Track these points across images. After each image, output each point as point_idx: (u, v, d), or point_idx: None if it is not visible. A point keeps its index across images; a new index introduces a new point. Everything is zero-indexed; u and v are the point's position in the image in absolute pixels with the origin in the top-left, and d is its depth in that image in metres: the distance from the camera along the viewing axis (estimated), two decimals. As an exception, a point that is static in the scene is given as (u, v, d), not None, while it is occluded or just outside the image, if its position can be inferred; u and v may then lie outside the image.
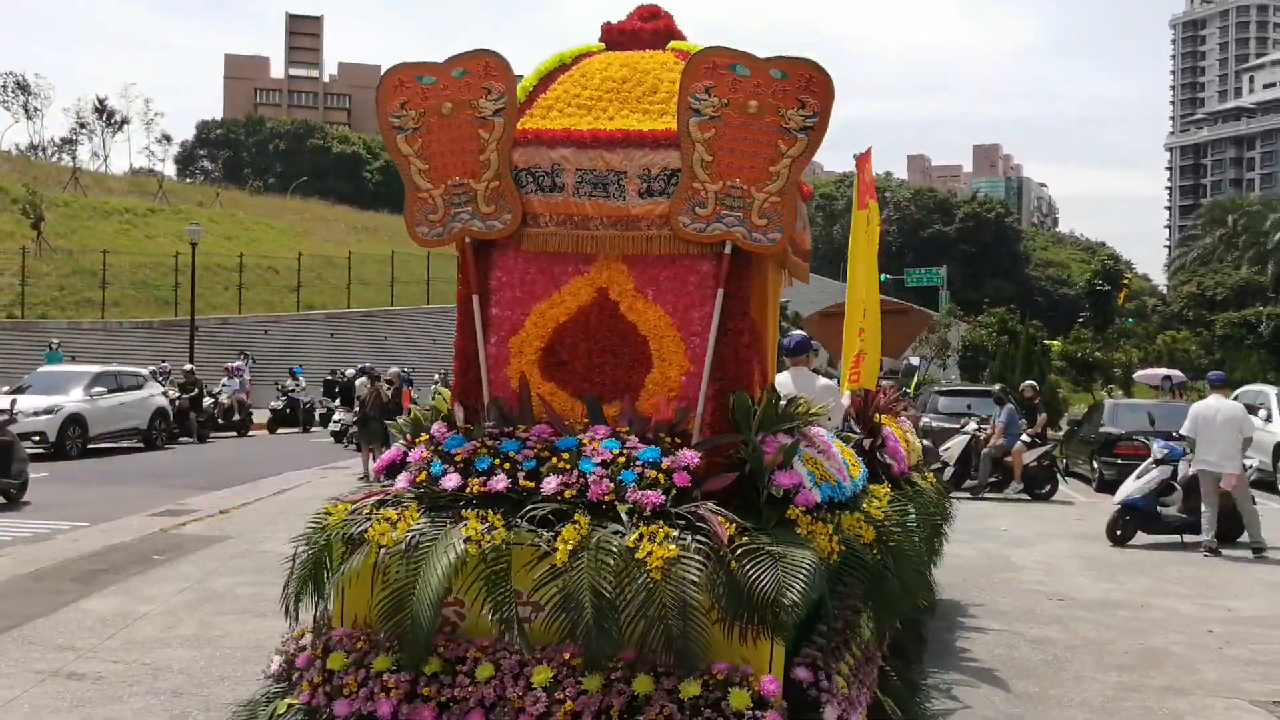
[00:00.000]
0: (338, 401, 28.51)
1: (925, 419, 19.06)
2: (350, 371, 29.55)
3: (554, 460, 4.76)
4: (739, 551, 4.42)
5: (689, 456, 4.76)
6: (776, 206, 5.03)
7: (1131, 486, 12.32)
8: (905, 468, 7.49)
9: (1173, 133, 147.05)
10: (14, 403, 13.96)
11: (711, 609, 4.29)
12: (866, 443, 6.97)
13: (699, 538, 4.42)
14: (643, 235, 5.19)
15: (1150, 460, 12.50)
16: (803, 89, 4.94)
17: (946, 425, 18.29)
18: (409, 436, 5.42)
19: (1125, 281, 62.92)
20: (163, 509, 13.19)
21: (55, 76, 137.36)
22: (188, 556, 10.10)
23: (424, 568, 4.43)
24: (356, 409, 20.35)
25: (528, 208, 5.17)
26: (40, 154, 67.08)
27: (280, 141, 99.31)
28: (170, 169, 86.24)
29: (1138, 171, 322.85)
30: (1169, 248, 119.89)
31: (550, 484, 4.69)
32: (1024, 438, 16.66)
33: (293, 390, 30.31)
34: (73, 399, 20.18)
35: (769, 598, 4.28)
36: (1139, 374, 35.72)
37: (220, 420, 26.51)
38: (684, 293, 5.22)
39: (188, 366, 26.98)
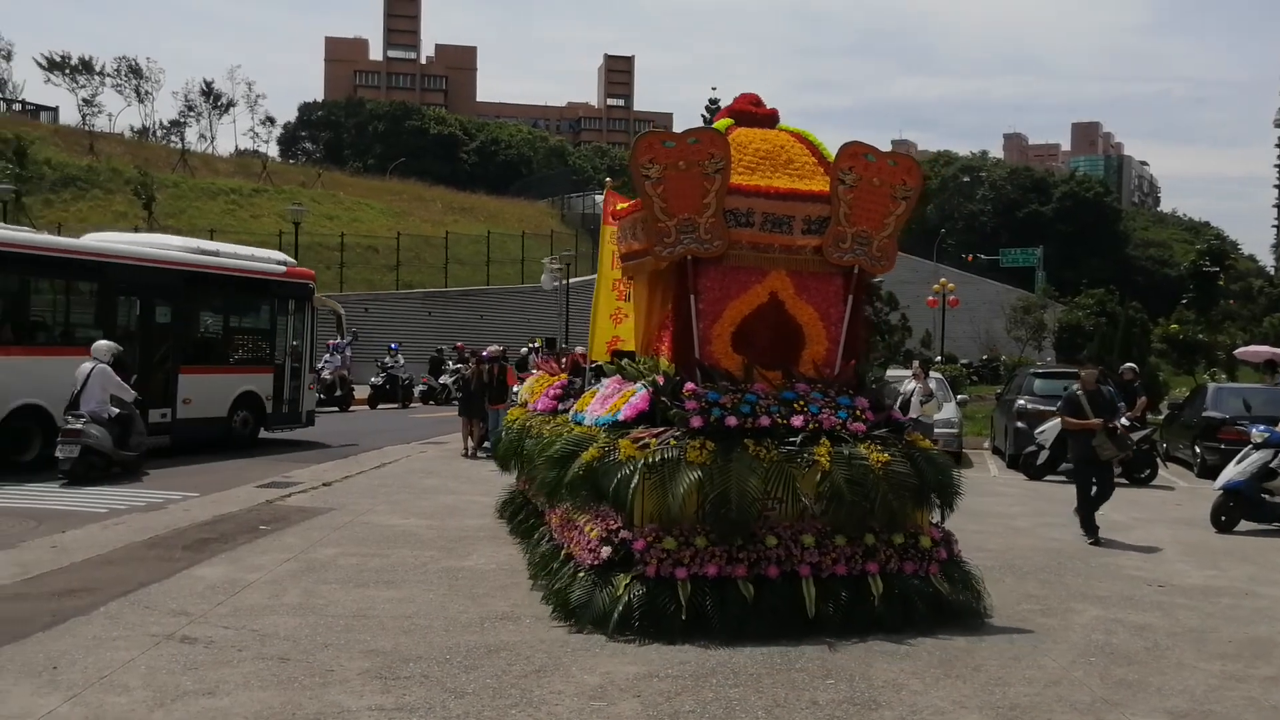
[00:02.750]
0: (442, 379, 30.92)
1: (1020, 401, 18.70)
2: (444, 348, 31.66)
3: (794, 405, 7.49)
4: (915, 456, 7.43)
5: (864, 402, 7.70)
6: (887, 246, 8.15)
7: (1232, 471, 11.97)
8: None
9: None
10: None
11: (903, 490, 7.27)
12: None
13: (897, 451, 7.38)
14: (803, 258, 8.04)
15: (1250, 445, 12.12)
16: (905, 173, 8.10)
17: (1042, 408, 17.89)
18: (649, 392, 7.65)
19: (1230, 261, 60.66)
20: (268, 481, 13.65)
21: (165, 61, 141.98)
22: (292, 527, 10.44)
23: (738, 476, 7.01)
24: (458, 387, 21.86)
25: (729, 237, 7.79)
26: (151, 137, 69.32)
27: (379, 123, 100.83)
28: (274, 150, 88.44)
29: (1245, 149, 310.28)
30: (1277, 227, 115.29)
31: (797, 420, 7.41)
32: (1123, 421, 16.21)
33: (392, 367, 30.92)
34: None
35: (937, 483, 7.48)
36: (1240, 350, 34.49)
37: (322, 396, 27.20)
38: (827, 297, 8.13)
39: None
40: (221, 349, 18.50)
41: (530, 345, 28.53)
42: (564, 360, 12.25)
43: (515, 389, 18.17)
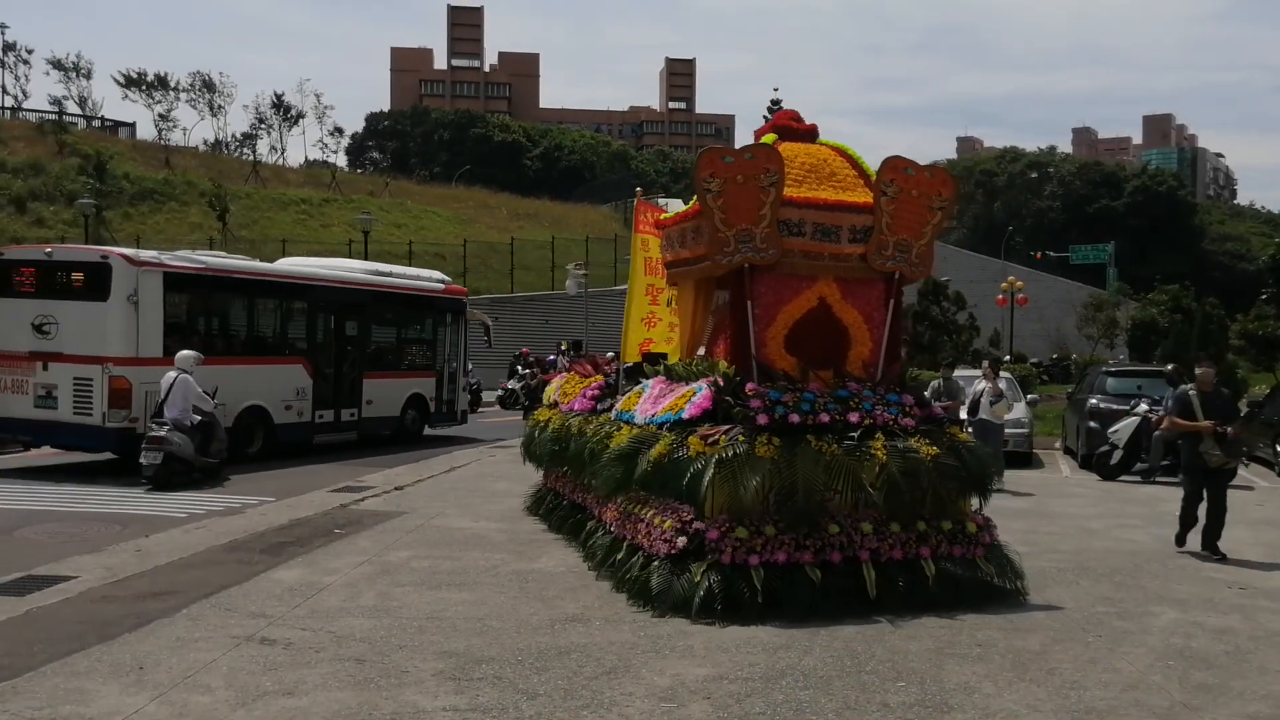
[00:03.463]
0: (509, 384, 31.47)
1: (1093, 400, 18.38)
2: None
3: (849, 403, 8.03)
4: (958, 449, 8.02)
5: (910, 399, 8.29)
6: (925, 253, 8.83)
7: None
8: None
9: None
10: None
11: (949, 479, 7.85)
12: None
13: (942, 443, 7.95)
14: (848, 265, 8.69)
15: None
16: (941, 185, 8.81)
17: (1115, 406, 17.56)
18: (711, 391, 8.14)
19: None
20: (341, 485, 13.90)
21: (236, 75, 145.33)
22: (366, 531, 10.61)
23: (804, 469, 7.54)
24: (525, 392, 23.20)
25: (783, 245, 8.41)
26: (224, 149, 70.86)
27: (444, 131, 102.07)
28: (342, 160, 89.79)
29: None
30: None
31: (854, 417, 7.97)
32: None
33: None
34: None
35: (982, 473, 8.08)
36: None
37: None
38: (870, 301, 8.79)
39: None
40: (394, 357, 20.99)
41: (559, 348, 29.13)
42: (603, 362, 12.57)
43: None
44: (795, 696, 5.75)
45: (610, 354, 14.67)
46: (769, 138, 9.08)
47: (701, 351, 9.83)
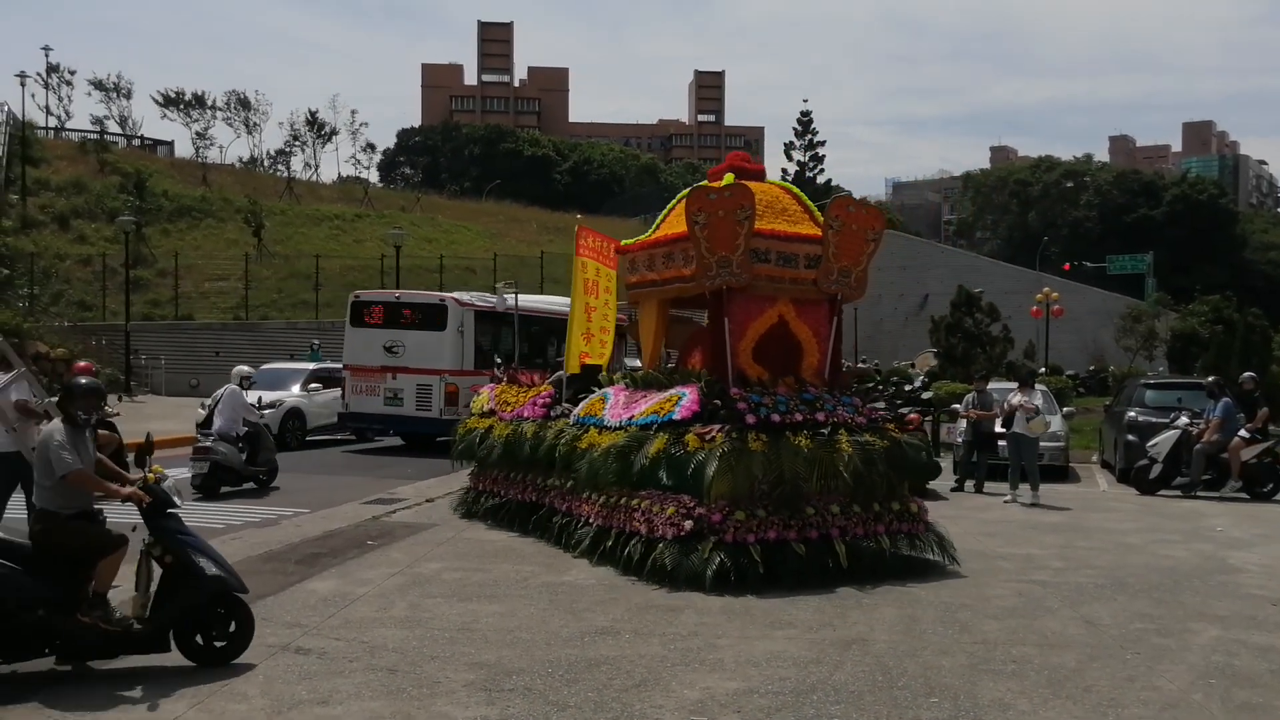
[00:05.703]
0: None
1: (1131, 413, 18.16)
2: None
3: (814, 404, 9.38)
4: (903, 443, 9.61)
5: (859, 401, 9.84)
6: (862, 278, 10.32)
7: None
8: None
9: None
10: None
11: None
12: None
13: (887, 438, 9.48)
14: (803, 288, 10.12)
15: None
16: (874, 220, 10.51)
17: (1154, 419, 17.33)
18: (699, 395, 9.31)
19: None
20: (374, 497, 13.97)
21: (272, 93, 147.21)
22: (398, 542, 10.68)
23: (789, 461, 8.88)
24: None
25: (753, 271, 9.72)
26: (259, 166, 71.61)
27: (474, 146, 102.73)
28: (374, 176, 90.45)
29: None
30: None
31: (821, 416, 9.32)
32: (1242, 433, 15.66)
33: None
34: (293, 394, 21.68)
35: (922, 463, 10.40)
36: None
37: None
38: (818, 318, 10.24)
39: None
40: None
41: (496, 362, 30.26)
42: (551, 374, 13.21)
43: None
44: (826, 711, 5.72)
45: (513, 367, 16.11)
46: (728, 177, 10.24)
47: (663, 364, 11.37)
